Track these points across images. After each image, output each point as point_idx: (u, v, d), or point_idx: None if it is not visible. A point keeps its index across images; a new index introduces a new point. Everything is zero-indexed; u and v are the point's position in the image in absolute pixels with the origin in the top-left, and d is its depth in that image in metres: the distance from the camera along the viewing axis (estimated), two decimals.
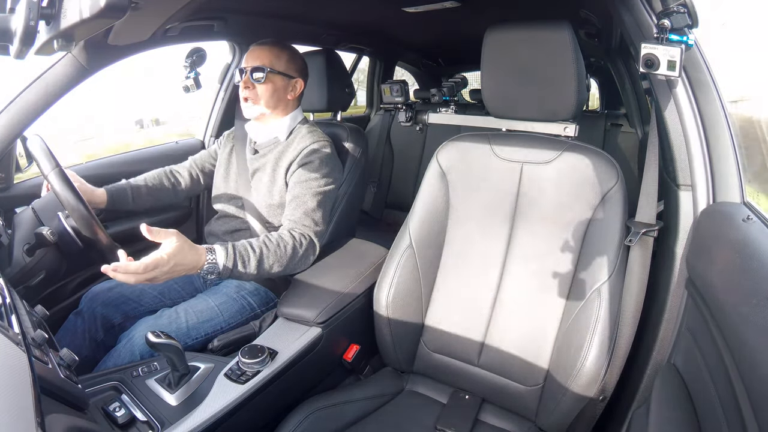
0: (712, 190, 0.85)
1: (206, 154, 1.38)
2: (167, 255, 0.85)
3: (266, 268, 1.00)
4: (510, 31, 0.96)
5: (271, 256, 1.01)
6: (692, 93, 0.84)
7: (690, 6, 0.76)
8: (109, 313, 1.13)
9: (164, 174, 1.32)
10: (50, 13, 0.55)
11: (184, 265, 0.88)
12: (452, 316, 1.04)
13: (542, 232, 0.96)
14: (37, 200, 1.06)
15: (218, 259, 0.93)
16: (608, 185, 0.91)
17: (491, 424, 0.99)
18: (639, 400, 0.92)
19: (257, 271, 0.98)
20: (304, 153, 1.15)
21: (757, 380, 0.52)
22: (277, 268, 1.02)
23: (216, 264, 0.93)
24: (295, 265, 1.06)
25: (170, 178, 1.33)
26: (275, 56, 1.18)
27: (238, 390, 0.83)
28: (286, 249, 1.03)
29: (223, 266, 0.93)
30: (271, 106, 1.20)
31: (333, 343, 1.03)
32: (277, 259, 1.01)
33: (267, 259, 1.00)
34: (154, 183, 1.30)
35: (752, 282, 0.58)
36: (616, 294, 0.87)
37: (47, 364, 0.60)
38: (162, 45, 1.31)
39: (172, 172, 1.34)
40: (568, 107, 0.94)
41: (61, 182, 0.91)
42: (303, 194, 1.11)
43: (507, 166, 1.02)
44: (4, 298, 0.67)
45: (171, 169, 1.35)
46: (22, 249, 0.99)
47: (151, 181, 1.30)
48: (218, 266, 0.93)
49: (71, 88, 1.06)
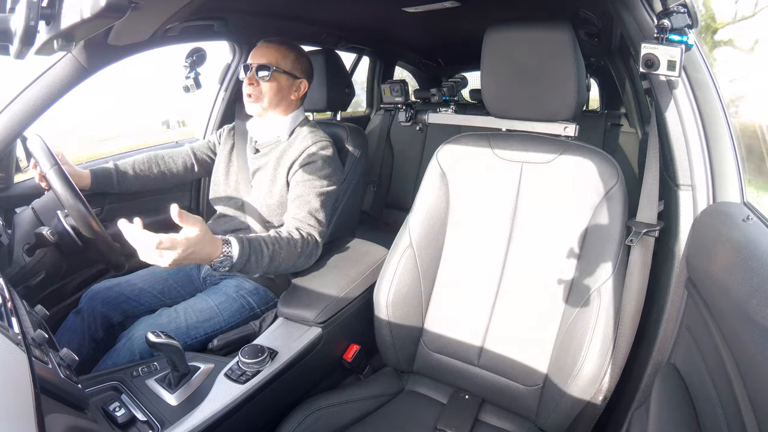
0: (712, 190, 0.85)
1: (205, 144, 1.38)
2: (186, 240, 0.81)
3: (276, 264, 0.99)
4: (510, 31, 0.96)
5: (283, 252, 1.00)
6: (692, 93, 0.84)
7: (690, 6, 0.76)
8: (108, 312, 1.13)
9: (154, 159, 1.31)
10: (50, 13, 0.55)
11: (200, 255, 0.85)
12: (452, 316, 1.04)
13: (542, 232, 0.96)
14: (37, 200, 1.06)
15: (233, 251, 0.91)
16: (608, 185, 0.91)
17: (491, 424, 0.99)
18: (639, 400, 0.92)
19: (268, 267, 0.97)
20: (307, 153, 1.15)
21: (757, 380, 0.52)
22: (286, 266, 1.02)
23: (231, 257, 0.91)
24: (301, 263, 1.06)
25: (159, 164, 1.31)
26: (282, 55, 1.18)
27: (238, 390, 0.84)
28: (296, 246, 1.03)
29: (237, 259, 0.91)
30: (274, 105, 1.20)
31: (333, 343, 1.03)
32: (288, 256, 1.01)
33: (279, 255, 0.99)
34: (142, 168, 1.28)
35: (752, 282, 0.58)
36: (616, 294, 0.87)
37: (47, 364, 0.60)
38: (162, 45, 1.31)
39: (163, 158, 1.32)
40: (568, 107, 0.94)
41: (60, 181, 0.91)
42: (306, 194, 1.11)
43: (507, 166, 1.02)
44: (4, 298, 0.67)
45: (163, 155, 1.33)
46: (22, 249, 0.99)
47: (139, 165, 1.28)
48: (232, 259, 0.91)
49: (71, 88, 1.06)
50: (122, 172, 1.25)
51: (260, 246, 0.96)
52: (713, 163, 0.85)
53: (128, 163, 1.27)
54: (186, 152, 1.36)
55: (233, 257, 0.91)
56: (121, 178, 1.24)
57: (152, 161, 1.30)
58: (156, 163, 1.31)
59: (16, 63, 0.67)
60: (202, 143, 1.39)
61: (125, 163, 1.27)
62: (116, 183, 1.24)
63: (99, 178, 1.20)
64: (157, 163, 1.31)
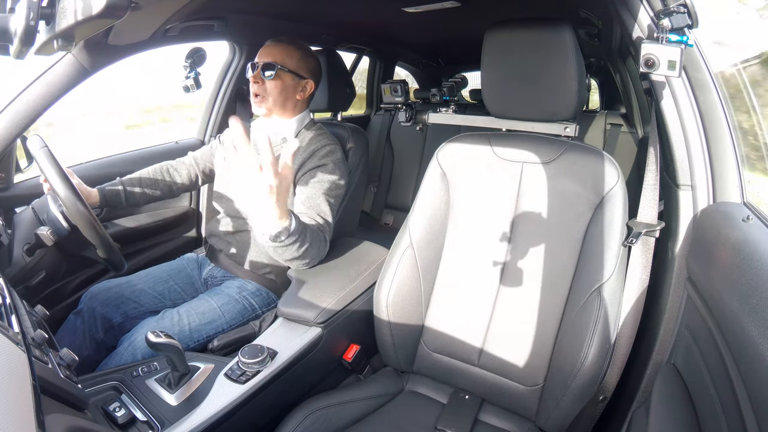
0: (712, 190, 0.85)
1: (208, 153, 1.37)
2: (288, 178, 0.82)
3: (307, 253, 0.98)
4: (510, 31, 0.96)
5: (315, 244, 1.00)
6: (692, 93, 0.84)
7: (690, 6, 0.76)
8: (108, 312, 1.13)
9: (159, 173, 1.31)
10: (50, 13, 0.55)
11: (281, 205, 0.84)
12: (452, 316, 1.04)
13: (542, 232, 0.96)
14: (37, 200, 1.06)
15: (292, 225, 0.90)
16: (608, 185, 0.90)
17: (491, 424, 0.99)
18: (639, 400, 0.92)
19: (296, 252, 0.96)
20: (318, 155, 1.16)
21: (757, 380, 0.52)
22: (308, 258, 1.01)
23: (289, 228, 0.89)
24: (313, 260, 1.05)
25: (165, 177, 1.31)
26: (288, 55, 1.18)
27: (238, 390, 0.83)
28: (320, 242, 1.04)
29: (292, 233, 0.90)
30: (279, 105, 1.19)
31: (333, 343, 1.03)
32: (314, 250, 1.01)
33: (312, 245, 0.99)
34: (149, 183, 1.28)
35: (752, 282, 0.58)
36: (616, 294, 0.87)
37: (47, 364, 0.60)
38: (162, 45, 1.31)
39: (168, 171, 1.32)
40: (568, 107, 0.94)
41: (61, 183, 0.91)
42: (316, 195, 1.11)
43: (507, 166, 1.02)
44: (4, 298, 0.67)
45: (168, 167, 1.33)
46: (22, 249, 0.99)
47: (146, 180, 1.28)
48: (289, 230, 0.89)
49: (71, 88, 1.06)
50: (129, 190, 1.25)
51: (306, 230, 0.95)
52: (713, 163, 0.85)
53: (135, 180, 1.27)
54: (190, 162, 1.36)
55: (291, 229, 0.90)
56: (128, 195, 1.24)
57: (158, 175, 1.30)
58: (162, 177, 1.31)
59: (16, 63, 0.68)
60: (204, 151, 1.38)
61: (132, 180, 1.27)
62: (124, 200, 1.24)
63: (108, 196, 1.20)
64: (163, 177, 1.31)
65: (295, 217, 0.92)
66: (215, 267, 1.28)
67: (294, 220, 0.91)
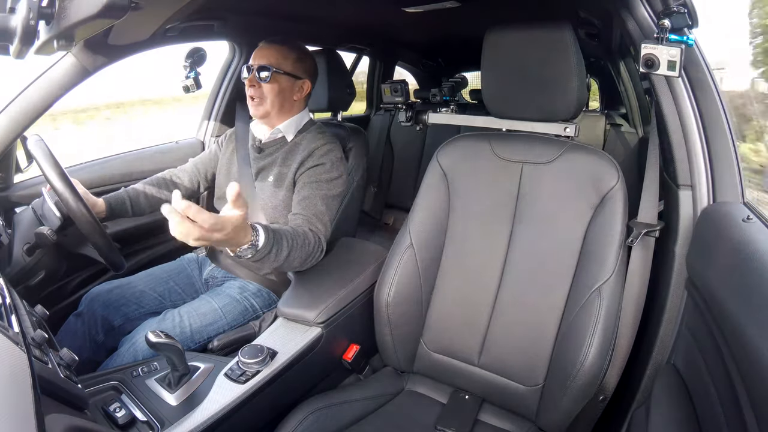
0: (712, 190, 0.85)
1: (208, 158, 1.36)
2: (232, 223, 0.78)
3: (290, 260, 0.96)
4: (510, 31, 0.96)
5: (297, 249, 0.97)
6: (692, 93, 0.84)
7: (690, 6, 0.76)
8: (109, 314, 1.13)
9: (163, 182, 1.30)
10: (50, 13, 0.55)
11: (235, 239, 0.82)
12: (452, 316, 1.04)
13: (542, 232, 0.96)
14: (36, 200, 1.06)
15: (260, 240, 0.87)
16: (608, 185, 0.90)
17: (491, 424, 0.99)
18: (639, 400, 0.92)
19: (283, 261, 0.94)
20: (316, 154, 1.15)
21: (758, 380, 0.52)
22: (296, 264, 1.00)
23: (256, 245, 0.87)
24: (307, 263, 1.04)
25: (169, 185, 1.30)
26: (282, 56, 1.17)
27: (238, 390, 0.83)
28: (309, 246, 1.01)
29: (261, 248, 0.88)
30: (277, 106, 1.19)
31: (333, 343, 1.03)
32: (300, 254, 0.98)
33: (294, 251, 0.96)
34: (152, 192, 1.27)
35: (752, 282, 0.58)
36: (616, 294, 0.87)
37: (47, 364, 0.60)
38: (162, 45, 1.31)
39: (171, 179, 1.32)
40: (569, 107, 0.94)
41: (61, 183, 0.91)
42: (313, 195, 1.10)
43: (507, 166, 1.02)
44: (4, 298, 0.67)
45: (171, 176, 1.32)
46: (22, 249, 0.99)
47: (150, 189, 1.27)
48: (257, 247, 0.87)
49: (71, 88, 1.06)
50: (135, 199, 1.24)
51: (282, 239, 0.93)
52: (713, 163, 0.85)
53: (139, 189, 1.26)
54: (192, 169, 1.35)
55: (258, 245, 0.87)
56: (134, 204, 1.23)
57: (161, 184, 1.29)
58: (165, 185, 1.30)
59: (16, 63, 0.68)
60: (205, 156, 1.37)
61: (137, 189, 1.26)
62: (130, 209, 1.23)
63: (113, 206, 1.19)
64: (167, 185, 1.30)
65: (265, 230, 0.89)
66: (216, 267, 1.28)
67: (262, 234, 0.88)
